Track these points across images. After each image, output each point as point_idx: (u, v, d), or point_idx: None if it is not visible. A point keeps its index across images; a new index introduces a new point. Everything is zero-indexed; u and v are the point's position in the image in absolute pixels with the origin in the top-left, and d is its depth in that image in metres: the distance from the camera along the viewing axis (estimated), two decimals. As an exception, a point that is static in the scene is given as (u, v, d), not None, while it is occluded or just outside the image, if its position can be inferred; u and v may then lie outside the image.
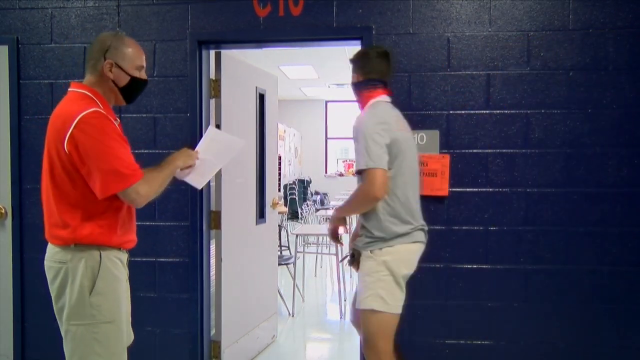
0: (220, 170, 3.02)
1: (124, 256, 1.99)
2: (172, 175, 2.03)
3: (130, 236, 2.00)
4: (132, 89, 1.99)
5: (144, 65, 2.02)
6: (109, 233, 1.87)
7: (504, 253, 2.89)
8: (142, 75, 2.01)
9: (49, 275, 1.90)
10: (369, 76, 2.35)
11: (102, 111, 1.84)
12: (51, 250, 1.90)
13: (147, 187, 1.86)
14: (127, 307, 2.01)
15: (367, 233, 2.26)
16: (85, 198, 1.84)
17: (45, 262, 1.92)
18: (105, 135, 1.80)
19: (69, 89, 1.95)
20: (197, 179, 2.17)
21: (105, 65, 1.92)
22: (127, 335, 2.01)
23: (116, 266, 1.92)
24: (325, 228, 6.08)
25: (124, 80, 1.95)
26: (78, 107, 1.82)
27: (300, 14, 2.99)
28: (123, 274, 1.97)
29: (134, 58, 1.96)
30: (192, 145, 3.00)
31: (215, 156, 2.18)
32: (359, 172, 2.19)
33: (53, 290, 1.89)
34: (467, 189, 2.90)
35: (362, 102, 2.37)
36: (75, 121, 1.77)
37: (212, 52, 3.23)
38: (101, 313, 1.85)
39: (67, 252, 1.84)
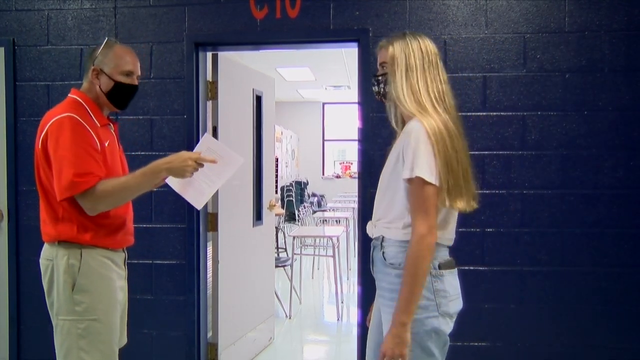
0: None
1: (116, 255, 1.98)
2: (151, 181, 1.89)
3: (118, 236, 1.98)
4: (118, 95, 1.96)
5: (134, 70, 1.99)
6: (88, 232, 1.87)
7: (501, 254, 2.89)
8: (130, 80, 1.98)
9: (41, 271, 1.94)
10: None
11: (76, 117, 1.84)
12: (44, 247, 1.94)
13: (94, 198, 1.80)
14: (123, 307, 2.02)
15: None
16: None
17: (40, 259, 1.96)
18: (67, 141, 1.80)
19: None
20: (196, 197, 2.05)
21: (92, 72, 1.94)
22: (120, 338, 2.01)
23: (103, 265, 1.91)
24: (321, 230, 6.08)
25: (108, 86, 1.95)
26: (58, 111, 1.86)
27: (297, 16, 2.99)
28: (114, 273, 1.95)
29: (120, 64, 1.95)
30: (189, 149, 3.02)
31: (213, 170, 2.03)
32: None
33: (44, 285, 1.93)
34: (464, 191, 2.90)
35: None
36: (49, 124, 1.83)
37: (209, 54, 3.23)
38: (85, 310, 1.86)
39: (53, 249, 1.89)
